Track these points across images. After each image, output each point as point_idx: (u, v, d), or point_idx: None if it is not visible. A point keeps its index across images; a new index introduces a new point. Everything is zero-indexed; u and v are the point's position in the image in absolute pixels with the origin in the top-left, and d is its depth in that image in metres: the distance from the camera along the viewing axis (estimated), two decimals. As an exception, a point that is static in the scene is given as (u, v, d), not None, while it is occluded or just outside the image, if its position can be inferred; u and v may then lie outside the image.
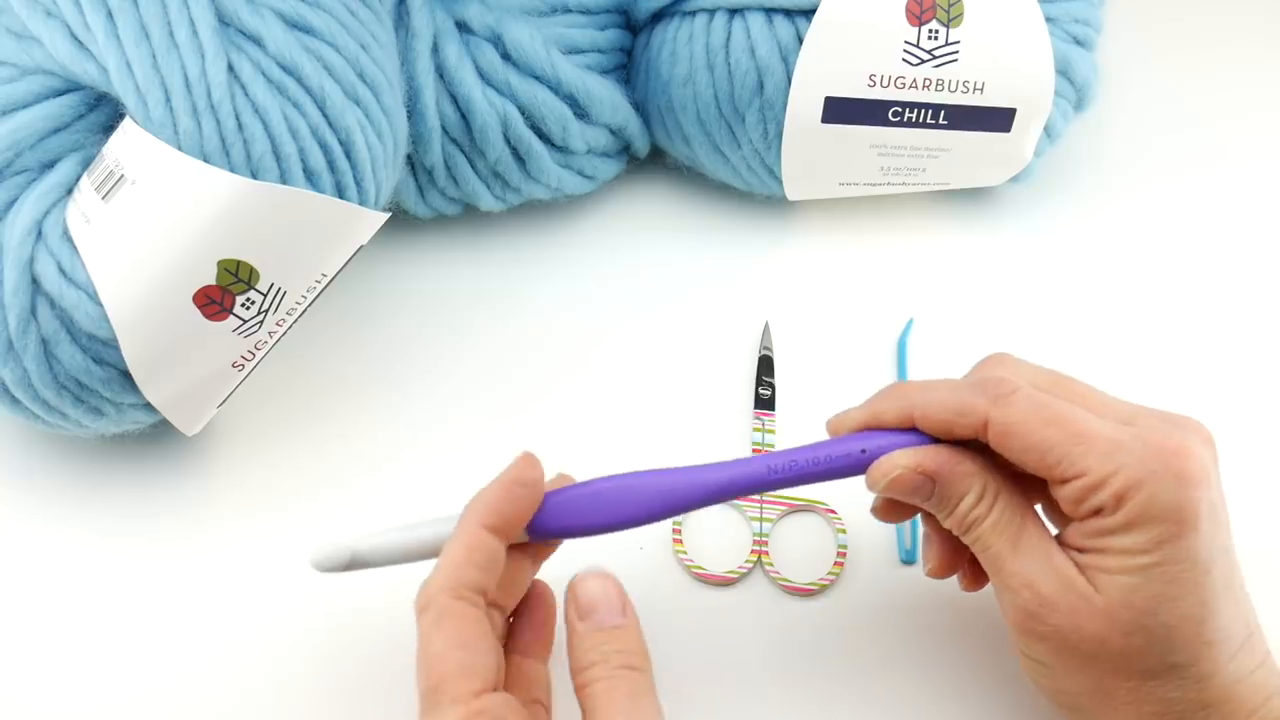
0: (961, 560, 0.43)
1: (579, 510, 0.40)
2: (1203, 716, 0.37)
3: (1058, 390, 0.39)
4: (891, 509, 0.43)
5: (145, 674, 0.45)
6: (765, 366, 0.53)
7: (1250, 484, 0.51)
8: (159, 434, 0.49)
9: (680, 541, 0.48)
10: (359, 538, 0.40)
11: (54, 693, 0.45)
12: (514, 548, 0.40)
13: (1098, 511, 0.37)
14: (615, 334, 0.55)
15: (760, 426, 0.51)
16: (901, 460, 0.39)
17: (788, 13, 0.52)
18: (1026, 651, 0.39)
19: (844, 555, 0.48)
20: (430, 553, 0.39)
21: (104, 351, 0.43)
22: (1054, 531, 0.39)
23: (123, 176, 0.42)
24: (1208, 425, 0.38)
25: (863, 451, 0.40)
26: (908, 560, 0.48)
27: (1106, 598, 0.36)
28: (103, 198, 0.43)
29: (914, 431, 0.40)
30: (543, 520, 0.39)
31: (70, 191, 0.44)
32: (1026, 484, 0.40)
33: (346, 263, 0.46)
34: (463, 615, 0.36)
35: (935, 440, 0.40)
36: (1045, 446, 0.37)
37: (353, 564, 0.40)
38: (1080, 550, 0.37)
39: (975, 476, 0.39)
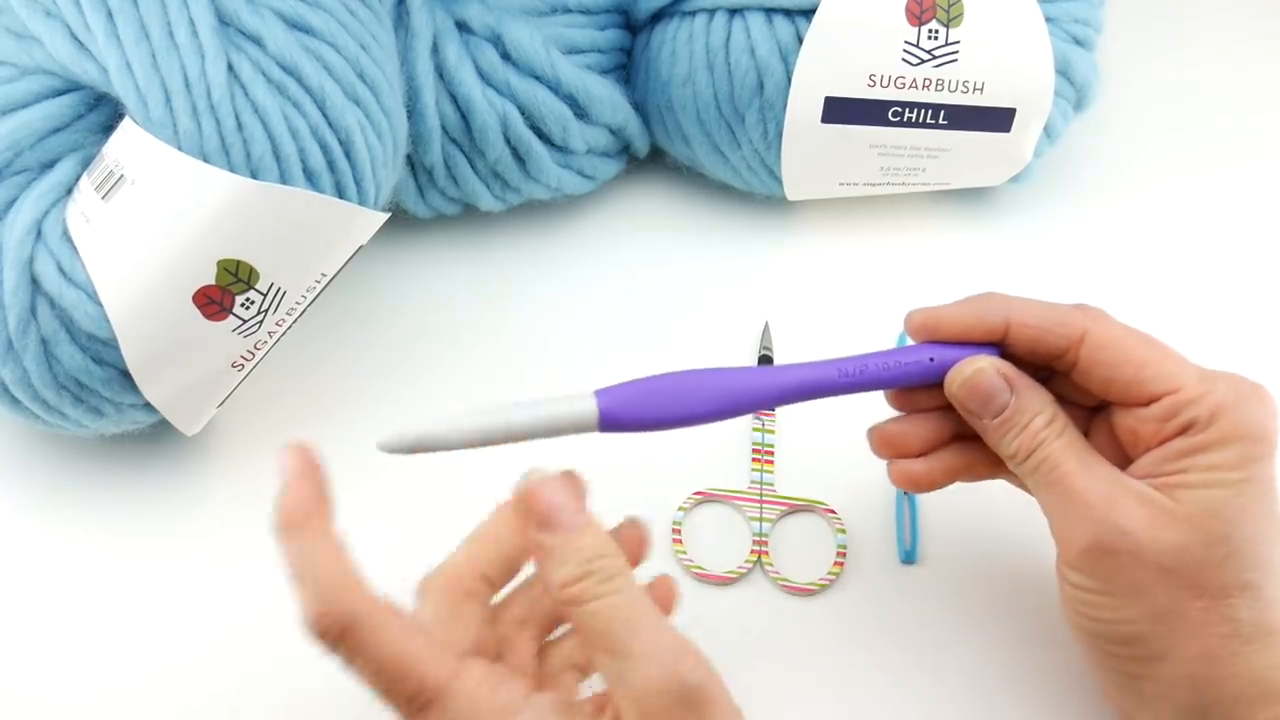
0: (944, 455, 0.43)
1: (652, 403, 0.39)
2: (1265, 643, 0.37)
3: None
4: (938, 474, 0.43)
5: (145, 674, 0.45)
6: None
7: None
8: (159, 434, 0.49)
9: (680, 541, 0.48)
10: (425, 420, 0.38)
11: (54, 693, 0.45)
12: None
13: (1186, 428, 0.38)
14: (615, 334, 0.55)
15: (760, 426, 0.51)
16: (987, 360, 0.40)
17: (788, 13, 0.52)
18: (1086, 579, 0.38)
19: (844, 555, 0.48)
20: (500, 437, 0.38)
21: (104, 351, 0.43)
22: None
23: (123, 176, 0.42)
24: None
25: (931, 360, 0.40)
26: (907, 560, 0.48)
27: (1188, 509, 0.37)
28: (103, 198, 0.43)
29: (987, 348, 0.41)
30: (615, 412, 0.38)
31: (70, 191, 0.44)
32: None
33: (346, 263, 0.46)
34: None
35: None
36: (1141, 360, 0.39)
37: (419, 445, 0.38)
38: (1154, 476, 0.38)
39: (1049, 399, 0.40)
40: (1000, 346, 0.41)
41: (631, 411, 0.38)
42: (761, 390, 0.40)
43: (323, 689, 0.45)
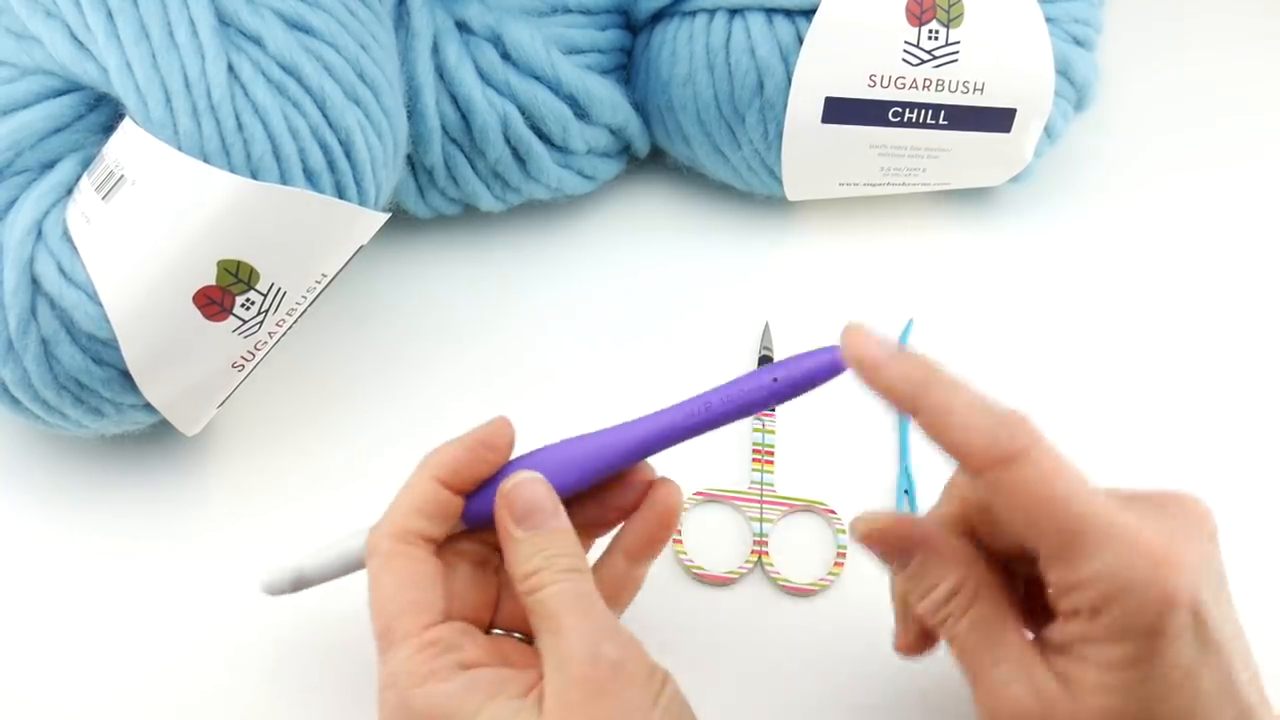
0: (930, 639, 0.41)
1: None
2: None
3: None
4: (914, 641, 0.41)
5: (145, 674, 0.45)
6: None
7: (1254, 490, 0.51)
8: (159, 434, 0.49)
9: (680, 541, 0.48)
10: (304, 555, 0.41)
11: (53, 693, 0.45)
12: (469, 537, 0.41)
13: (1076, 614, 0.34)
14: (615, 334, 0.55)
15: (760, 427, 0.51)
16: (884, 520, 0.38)
17: (788, 13, 0.52)
18: None
19: (844, 555, 0.48)
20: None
21: (104, 351, 0.43)
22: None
23: (123, 176, 0.42)
24: (1207, 489, 0.36)
25: (774, 380, 0.39)
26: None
27: (1091, 713, 0.34)
28: (103, 198, 0.43)
29: (833, 352, 0.38)
30: (474, 508, 0.40)
31: (70, 191, 0.44)
32: (1012, 569, 0.38)
33: (346, 263, 0.46)
34: (409, 556, 0.38)
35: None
36: (1034, 529, 0.34)
37: (300, 583, 0.41)
38: (1061, 651, 0.35)
39: (956, 564, 0.37)
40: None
41: (490, 507, 0.39)
42: (609, 455, 0.40)
43: (323, 688, 0.45)
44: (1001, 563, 0.38)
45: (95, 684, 0.45)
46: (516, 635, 0.40)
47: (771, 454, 0.51)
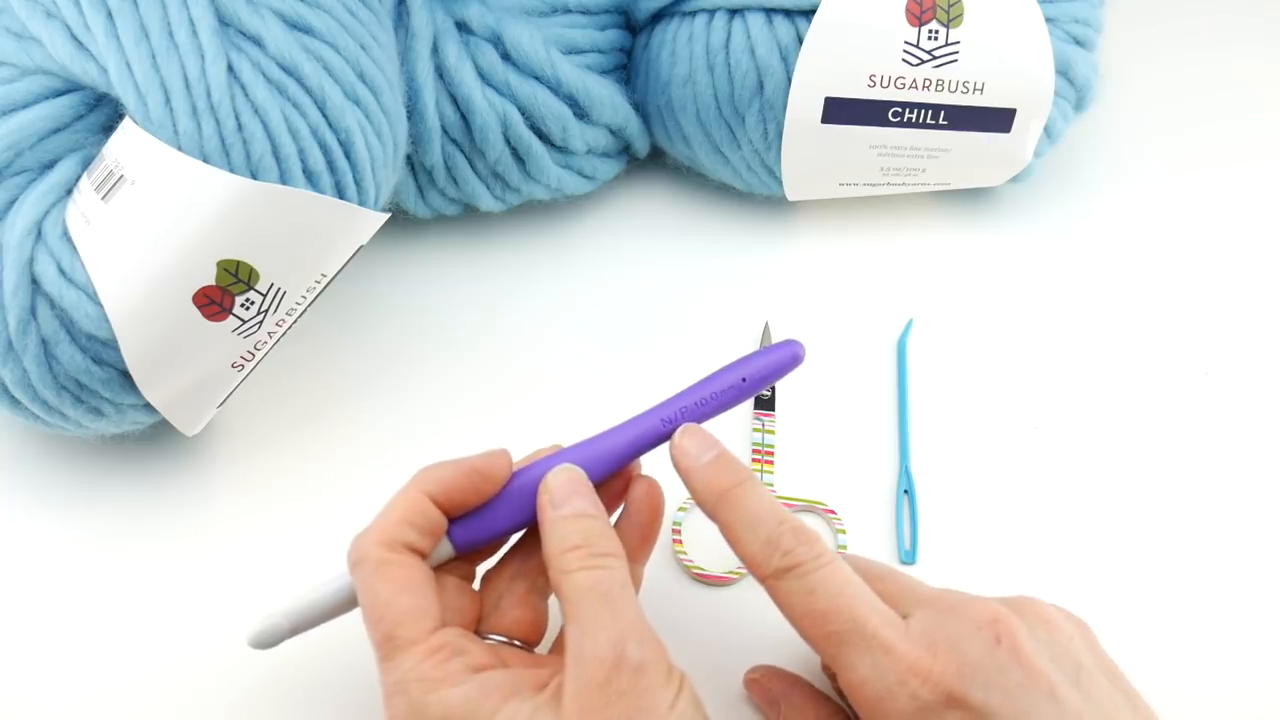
0: None
1: (495, 514, 0.40)
2: None
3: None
4: None
5: (145, 674, 0.45)
6: (765, 366, 0.53)
7: (1255, 484, 0.51)
8: (159, 434, 0.49)
9: (680, 542, 0.48)
10: (290, 602, 0.40)
11: (53, 693, 0.45)
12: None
13: (859, 715, 0.37)
14: (615, 334, 0.55)
15: (760, 427, 0.51)
16: (758, 673, 0.43)
17: (788, 13, 0.52)
18: None
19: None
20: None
21: (104, 352, 0.43)
22: None
23: (122, 177, 0.42)
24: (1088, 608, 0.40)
25: (743, 380, 0.41)
26: (907, 560, 0.48)
27: None
28: (102, 198, 0.43)
29: (793, 345, 0.41)
30: (464, 532, 0.40)
31: (70, 191, 0.44)
32: None
33: (346, 263, 0.46)
34: (402, 564, 0.37)
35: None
36: (806, 636, 0.37)
37: (294, 631, 0.40)
38: None
39: (812, 711, 0.42)
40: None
41: (480, 529, 0.40)
42: (591, 468, 0.40)
43: (323, 688, 0.45)
44: None
45: (95, 684, 0.45)
46: (501, 639, 0.40)
47: (771, 454, 0.51)
